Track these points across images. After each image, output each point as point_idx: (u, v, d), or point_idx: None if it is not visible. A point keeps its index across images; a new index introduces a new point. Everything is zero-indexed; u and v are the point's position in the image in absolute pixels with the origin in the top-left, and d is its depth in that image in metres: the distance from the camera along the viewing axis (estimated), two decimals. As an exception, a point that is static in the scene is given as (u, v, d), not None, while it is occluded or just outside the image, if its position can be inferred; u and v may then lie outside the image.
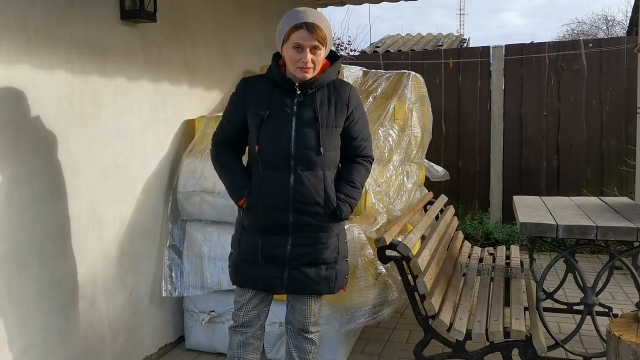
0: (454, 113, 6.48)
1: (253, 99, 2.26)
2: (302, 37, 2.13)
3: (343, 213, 2.29)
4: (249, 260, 2.30)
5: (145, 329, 3.24)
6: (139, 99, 3.14)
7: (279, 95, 2.24)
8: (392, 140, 3.62)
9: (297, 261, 2.27)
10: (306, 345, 2.42)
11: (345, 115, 2.29)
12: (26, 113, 2.41)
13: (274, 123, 2.21)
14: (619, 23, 17.71)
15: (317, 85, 2.24)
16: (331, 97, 2.27)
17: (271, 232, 2.26)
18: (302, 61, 2.15)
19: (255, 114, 2.24)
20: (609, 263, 3.01)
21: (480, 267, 3.66)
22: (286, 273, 2.27)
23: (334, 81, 2.31)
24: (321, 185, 2.25)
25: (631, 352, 2.23)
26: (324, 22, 2.18)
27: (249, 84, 2.31)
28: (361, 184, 2.38)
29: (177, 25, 3.47)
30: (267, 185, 2.24)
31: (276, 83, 2.25)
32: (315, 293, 2.33)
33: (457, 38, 9.90)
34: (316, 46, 2.15)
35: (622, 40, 6.03)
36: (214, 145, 2.40)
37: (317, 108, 2.23)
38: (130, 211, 3.08)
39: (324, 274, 2.31)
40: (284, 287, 2.29)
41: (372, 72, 4.01)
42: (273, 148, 2.21)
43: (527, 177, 6.28)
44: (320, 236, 2.28)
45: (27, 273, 2.42)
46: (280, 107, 2.22)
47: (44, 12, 2.50)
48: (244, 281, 2.33)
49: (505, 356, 2.70)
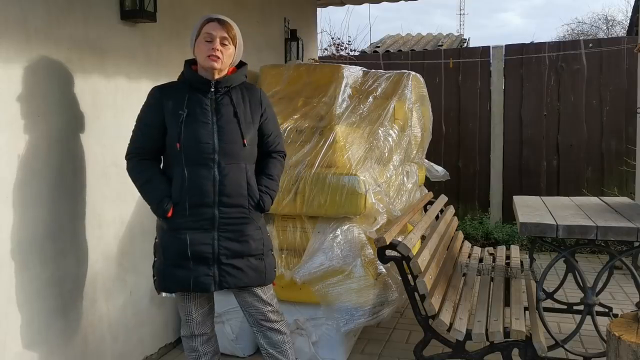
0: (454, 113, 6.48)
1: (170, 102, 2.33)
2: (212, 27, 2.30)
3: (265, 204, 2.41)
4: (175, 264, 2.32)
5: (145, 329, 3.24)
6: (139, 99, 3.13)
7: (195, 96, 2.33)
8: (392, 140, 3.62)
9: (226, 256, 2.31)
10: (277, 337, 2.46)
11: (260, 112, 2.44)
12: (26, 113, 2.41)
13: (194, 120, 2.30)
14: (619, 23, 17.69)
15: (230, 84, 2.36)
16: (245, 97, 2.41)
17: (197, 229, 2.30)
18: (211, 49, 2.27)
19: (174, 114, 2.30)
20: (609, 263, 3.01)
21: (480, 267, 3.66)
22: (216, 269, 2.31)
23: (244, 83, 2.46)
24: (244, 177, 2.34)
25: (631, 352, 2.23)
26: (235, 27, 2.37)
27: (163, 90, 2.39)
28: (278, 176, 2.54)
29: (177, 25, 3.47)
30: (190, 183, 2.28)
31: (191, 85, 2.35)
32: (247, 286, 2.36)
33: (457, 38, 9.91)
34: (225, 38, 2.30)
35: (622, 40, 6.03)
36: (134, 157, 2.38)
37: (234, 104, 2.34)
38: (130, 211, 3.08)
39: (253, 264, 2.37)
40: (216, 284, 2.32)
41: (372, 72, 4.01)
42: (196, 144, 2.28)
43: (527, 177, 6.28)
44: (245, 228, 2.35)
45: (27, 273, 2.42)
46: (198, 106, 2.32)
47: (43, 12, 2.50)
48: (173, 286, 2.35)
49: (505, 356, 2.70)
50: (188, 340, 2.48)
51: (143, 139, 2.37)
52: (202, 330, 2.47)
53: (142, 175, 2.35)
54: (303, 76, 3.77)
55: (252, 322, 2.47)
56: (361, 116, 3.60)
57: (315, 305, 3.12)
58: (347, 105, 3.60)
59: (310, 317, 3.16)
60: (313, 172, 3.15)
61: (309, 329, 3.17)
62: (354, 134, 3.41)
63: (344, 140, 3.27)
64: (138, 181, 2.37)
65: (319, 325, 3.16)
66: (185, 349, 2.51)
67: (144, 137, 2.37)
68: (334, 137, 3.24)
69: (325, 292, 3.06)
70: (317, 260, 3.04)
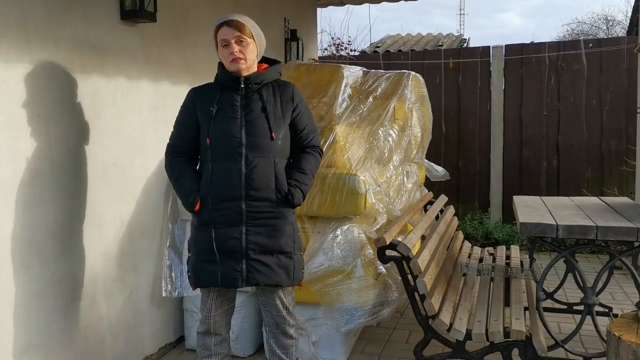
0: (454, 113, 6.48)
1: (202, 101, 2.38)
2: (224, 33, 2.32)
3: (295, 197, 2.38)
4: (206, 259, 2.34)
5: (145, 329, 3.24)
6: (139, 99, 3.14)
7: (226, 94, 2.37)
8: (392, 140, 3.62)
9: (254, 251, 2.31)
10: (287, 340, 2.49)
11: (291, 108, 2.43)
12: (26, 113, 2.41)
13: (223, 116, 2.33)
14: (619, 23, 17.69)
15: (261, 81, 2.37)
16: (276, 94, 2.42)
17: (224, 224, 2.31)
18: (230, 53, 2.30)
19: (205, 111, 2.35)
20: (609, 263, 3.01)
21: (480, 267, 3.66)
22: (244, 265, 2.31)
23: (277, 81, 2.46)
24: (272, 171, 2.34)
25: (631, 352, 2.23)
26: (247, 20, 2.37)
27: (197, 90, 2.45)
28: (311, 171, 2.49)
29: (177, 25, 3.47)
30: (217, 177, 2.30)
31: (223, 85, 2.38)
32: (275, 284, 2.36)
33: (457, 38, 9.91)
34: (240, 37, 2.31)
35: (622, 40, 6.03)
36: (170, 155, 2.46)
37: (264, 100, 2.36)
38: (130, 211, 3.08)
39: (282, 262, 2.36)
40: (243, 280, 2.32)
41: (372, 72, 4.01)
42: (223, 138, 2.31)
43: (527, 177, 6.28)
44: (275, 223, 2.35)
45: (27, 273, 2.42)
46: (228, 103, 2.35)
47: (43, 12, 2.50)
48: (204, 281, 2.37)
49: (505, 356, 2.70)
50: (203, 337, 2.48)
51: (178, 138, 2.45)
52: (218, 330, 2.46)
53: (174, 171, 2.42)
54: (303, 76, 3.77)
55: (268, 322, 2.48)
56: (361, 116, 3.60)
57: (315, 305, 3.12)
58: (347, 105, 3.60)
59: (310, 317, 3.16)
60: (313, 172, 3.15)
61: (309, 329, 3.17)
62: (354, 134, 3.41)
63: (344, 140, 3.27)
64: (171, 177, 2.44)
65: (319, 325, 3.16)
66: (198, 345, 2.51)
67: (179, 136, 2.45)
68: (334, 137, 3.24)
69: (325, 292, 3.06)
70: (317, 260, 3.04)
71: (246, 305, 3.28)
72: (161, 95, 3.32)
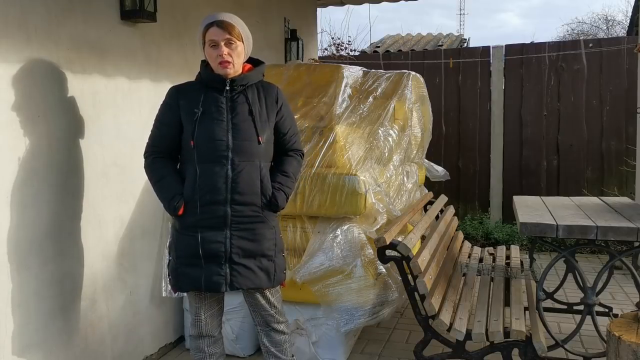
0: (454, 113, 6.48)
1: (186, 101, 2.34)
2: (214, 33, 2.28)
3: (279, 200, 2.38)
4: (188, 263, 2.32)
5: (145, 329, 3.24)
6: (139, 99, 3.14)
7: (211, 95, 2.33)
8: (392, 140, 3.62)
9: (238, 255, 2.30)
10: (279, 337, 2.50)
11: (275, 111, 2.42)
12: (26, 113, 2.41)
13: (209, 118, 2.29)
14: (619, 23, 17.70)
15: (246, 82, 2.35)
16: (261, 95, 2.40)
17: (209, 227, 2.29)
18: (219, 55, 2.27)
19: (190, 112, 2.31)
20: (609, 263, 3.01)
21: (480, 267, 3.66)
22: (228, 268, 2.30)
23: (261, 82, 2.44)
24: (257, 175, 2.32)
25: (631, 352, 2.23)
26: (237, 21, 2.35)
27: (180, 89, 2.40)
28: (294, 174, 2.49)
29: (177, 25, 3.47)
30: (203, 180, 2.27)
31: (207, 84, 2.35)
32: (257, 287, 2.36)
33: (457, 38, 9.90)
34: (229, 39, 2.28)
35: (622, 40, 6.03)
36: (150, 155, 2.40)
37: (250, 103, 2.33)
38: (130, 211, 3.08)
39: (264, 265, 2.36)
40: (227, 285, 2.31)
41: (372, 72, 4.01)
42: (209, 141, 2.28)
43: (527, 177, 6.28)
44: (258, 227, 2.34)
45: (27, 273, 2.42)
46: (213, 104, 2.31)
47: (43, 12, 2.50)
48: (185, 285, 2.35)
49: (505, 356, 2.70)
50: (195, 340, 2.48)
51: (159, 138, 2.39)
52: (210, 332, 2.47)
53: (156, 173, 2.37)
54: (303, 76, 3.77)
55: (258, 322, 2.49)
56: (361, 116, 3.60)
57: (315, 305, 3.12)
58: (347, 105, 3.60)
59: (310, 317, 3.16)
60: (313, 172, 3.15)
61: (309, 329, 3.17)
62: (354, 134, 3.41)
63: (344, 140, 3.27)
64: (152, 179, 2.38)
65: (319, 325, 3.16)
66: (192, 348, 2.51)
67: (160, 136, 2.39)
68: (334, 137, 3.24)
69: (325, 292, 3.06)
70: (317, 260, 3.04)
71: (246, 306, 3.28)
72: (161, 95, 3.26)
